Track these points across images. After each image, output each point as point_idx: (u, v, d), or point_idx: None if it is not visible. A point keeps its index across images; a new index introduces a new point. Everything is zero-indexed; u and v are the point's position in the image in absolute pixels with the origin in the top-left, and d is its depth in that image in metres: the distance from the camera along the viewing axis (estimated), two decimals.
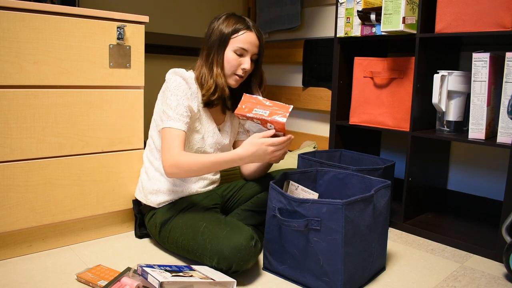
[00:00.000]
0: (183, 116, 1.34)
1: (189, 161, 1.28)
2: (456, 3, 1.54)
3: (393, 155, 2.23)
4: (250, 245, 1.21)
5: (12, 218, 1.34)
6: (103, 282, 1.18)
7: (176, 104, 1.34)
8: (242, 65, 1.40)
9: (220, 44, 1.39)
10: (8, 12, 1.26)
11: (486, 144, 1.51)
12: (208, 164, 1.28)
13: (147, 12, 2.28)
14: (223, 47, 1.39)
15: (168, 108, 1.34)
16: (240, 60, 1.40)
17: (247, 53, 1.40)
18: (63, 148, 1.41)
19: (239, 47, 1.38)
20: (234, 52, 1.39)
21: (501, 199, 1.84)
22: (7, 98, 1.29)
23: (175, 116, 1.33)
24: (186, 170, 1.29)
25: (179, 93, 1.35)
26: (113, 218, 1.59)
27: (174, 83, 1.36)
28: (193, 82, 1.41)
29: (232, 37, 1.38)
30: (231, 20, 1.40)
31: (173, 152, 1.29)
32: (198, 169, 1.29)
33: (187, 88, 1.37)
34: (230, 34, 1.38)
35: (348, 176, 1.45)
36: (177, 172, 1.29)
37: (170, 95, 1.35)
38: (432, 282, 1.31)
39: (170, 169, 1.29)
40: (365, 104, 1.88)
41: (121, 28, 1.47)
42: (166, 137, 1.32)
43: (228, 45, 1.39)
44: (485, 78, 1.50)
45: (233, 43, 1.38)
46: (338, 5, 1.92)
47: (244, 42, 1.38)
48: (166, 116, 1.34)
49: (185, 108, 1.34)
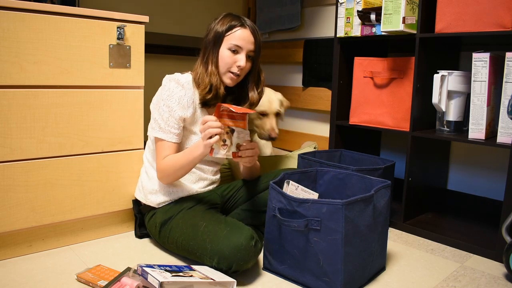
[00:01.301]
0: (174, 128, 1.38)
1: (167, 165, 1.37)
2: (456, 3, 1.54)
3: (393, 155, 2.23)
4: (250, 245, 1.21)
5: (12, 218, 1.34)
6: (103, 282, 1.18)
7: (168, 116, 1.37)
8: (236, 62, 1.39)
9: (215, 42, 1.40)
10: (8, 12, 1.26)
11: (486, 144, 1.51)
12: (178, 163, 1.35)
13: (147, 12, 2.27)
14: (218, 45, 1.40)
15: (160, 119, 1.38)
16: (235, 57, 1.39)
17: (242, 50, 1.39)
18: (63, 148, 1.41)
19: (233, 44, 1.38)
20: (229, 50, 1.38)
21: (501, 199, 1.84)
22: (7, 98, 1.29)
23: (166, 128, 1.38)
24: (169, 173, 1.38)
25: (172, 104, 1.36)
26: (113, 218, 1.58)
27: (168, 92, 1.38)
28: (190, 87, 1.40)
29: (227, 35, 1.39)
30: (226, 19, 1.41)
31: (160, 160, 1.39)
32: (174, 171, 1.37)
33: (182, 95, 1.38)
34: (224, 32, 1.39)
35: (348, 176, 1.45)
36: (162, 176, 1.40)
37: (163, 105, 1.38)
38: (432, 282, 1.31)
39: (158, 175, 1.41)
40: (365, 104, 1.88)
41: (121, 28, 1.47)
42: (157, 145, 1.41)
43: (223, 43, 1.39)
44: (485, 78, 1.50)
45: (227, 41, 1.39)
46: (338, 5, 1.92)
47: (238, 39, 1.38)
48: (158, 126, 1.39)
49: (176, 120, 1.37)
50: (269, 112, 1.76)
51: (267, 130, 1.76)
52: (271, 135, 1.75)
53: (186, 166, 1.35)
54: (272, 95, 1.80)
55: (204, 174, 1.51)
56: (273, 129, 1.75)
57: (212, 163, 1.54)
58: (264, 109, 1.75)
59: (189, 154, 1.33)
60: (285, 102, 1.88)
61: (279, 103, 1.80)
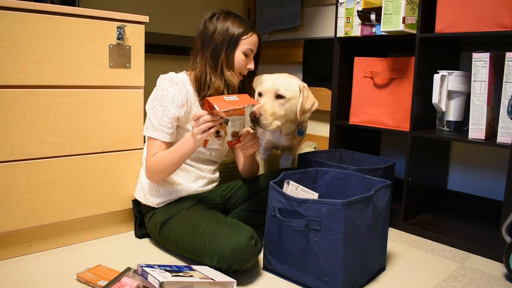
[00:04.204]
0: (167, 127, 1.38)
1: (156, 162, 1.36)
2: (456, 3, 1.54)
3: (393, 155, 2.23)
4: (250, 245, 1.21)
5: (12, 218, 1.34)
6: (103, 282, 1.18)
7: (161, 115, 1.37)
8: (248, 65, 1.44)
9: (230, 45, 1.40)
10: (8, 12, 1.26)
11: (486, 144, 1.51)
12: (168, 160, 1.33)
13: (147, 12, 2.27)
14: (233, 48, 1.41)
15: (154, 118, 1.38)
16: (247, 60, 1.44)
17: (252, 54, 1.45)
18: (63, 148, 1.41)
19: (248, 48, 1.42)
20: (243, 53, 1.42)
21: (501, 199, 1.84)
22: (7, 98, 1.29)
23: (159, 128, 1.38)
24: (158, 171, 1.36)
25: (166, 103, 1.37)
26: (113, 218, 1.58)
27: (162, 91, 1.39)
28: (184, 85, 1.40)
29: (243, 39, 1.41)
30: (236, 21, 1.41)
31: (149, 158, 1.38)
32: (163, 168, 1.35)
33: (176, 94, 1.38)
34: (240, 36, 1.40)
35: (348, 176, 1.45)
36: (151, 174, 1.39)
37: (157, 105, 1.38)
38: (432, 282, 1.31)
39: (147, 174, 1.40)
40: (365, 104, 1.88)
41: (121, 28, 1.47)
42: (148, 145, 1.41)
43: (238, 46, 1.41)
44: (485, 78, 1.50)
45: (243, 45, 1.41)
46: (338, 5, 1.92)
47: (252, 43, 1.43)
48: (151, 125, 1.39)
49: (170, 119, 1.37)
50: (264, 91, 1.48)
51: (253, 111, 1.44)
52: (251, 112, 1.41)
53: (176, 163, 1.34)
54: (278, 77, 1.53)
55: (202, 172, 1.51)
56: (258, 107, 1.43)
57: (210, 161, 1.54)
58: (259, 90, 1.50)
59: (179, 149, 1.32)
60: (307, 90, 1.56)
61: (284, 86, 1.49)
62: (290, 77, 1.57)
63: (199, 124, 1.22)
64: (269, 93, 1.48)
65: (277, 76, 1.55)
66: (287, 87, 1.50)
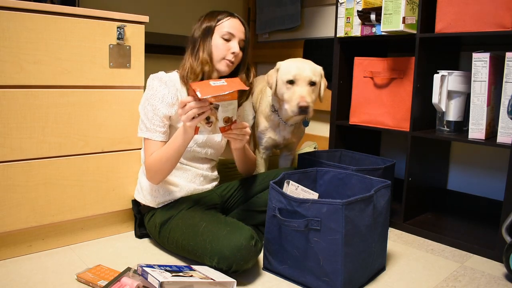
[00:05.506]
0: (159, 126, 1.38)
1: (153, 161, 1.36)
2: (456, 3, 1.54)
3: (393, 155, 2.23)
4: (250, 245, 1.21)
5: (12, 218, 1.34)
6: (103, 282, 1.18)
7: (152, 114, 1.38)
8: (230, 49, 1.41)
9: (205, 34, 1.41)
10: (8, 12, 1.26)
11: (486, 144, 1.51)
12: (164, 157, 1.33)
13: (147, 12, 2.27)
14: (209, 36, 1.41)
15: (146, 118, 1.39)
16: (228, 45, 1.41)
17: (234, 38, 1.42)
18: (63, 148, 1.41)
19: (226, 31, 1.41)
20: (222, 38, 1.41)
21: (501, 199, 1.84)
22: (7, 98, 1.29)
23: (151, 127, 1.38)
24: (156, 169, 1.36)
25: (155, 102, 1.37)
26: (113, 218, 1.58)
27: (151, 91, 1.39)
28: (173, 84, 1.41)
29: (217, 25, 1.41)
30: (213, 14, 1.44)
31: (147, 159, 1.38)
32: (161, 166, 1.34)
33: (165, 93, 1.38)
34: (214, 23, 1.41)
35: (348, 176, 1.45)
36: (151, 174, 1.38)
37: (147, 105, 1.39)
38: (432, 282, 1.31)
39: (147, 175, 1.40)
40: (365, 104, 1.88)
41: (121, 28, 1.47)
42: (144, 147, 1.42)
43: (214, 33, 1.41)
44: (485, 78, 1.50)
45: (219, 30, 1.41)
46: (338, 5, 1.92)
47: (229, 27, 1.41)
48: (144, 126, 1.40)
49: (160, 118, 1.38)
50: (297, 78, 1.50)
51: (295, 100, 1.46)
52: (300, 104, 1.44)
53: (172, 158, 1.32)
54: (303, 63, 1.55)
55: (199, 170, 1.50)
56: (302, 97, 1.45)
57: (206, 160, 1.54)
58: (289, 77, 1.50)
59: (173, 143, 1.31)
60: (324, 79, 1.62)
61: (313, 71, 1.53)
62: (310, 62, 1.60)
63: (186, 111, 1.18)
64: (304, 81, 1.51)
65: (301, 62, 1.57)
66: (315, 72, 1.55)
